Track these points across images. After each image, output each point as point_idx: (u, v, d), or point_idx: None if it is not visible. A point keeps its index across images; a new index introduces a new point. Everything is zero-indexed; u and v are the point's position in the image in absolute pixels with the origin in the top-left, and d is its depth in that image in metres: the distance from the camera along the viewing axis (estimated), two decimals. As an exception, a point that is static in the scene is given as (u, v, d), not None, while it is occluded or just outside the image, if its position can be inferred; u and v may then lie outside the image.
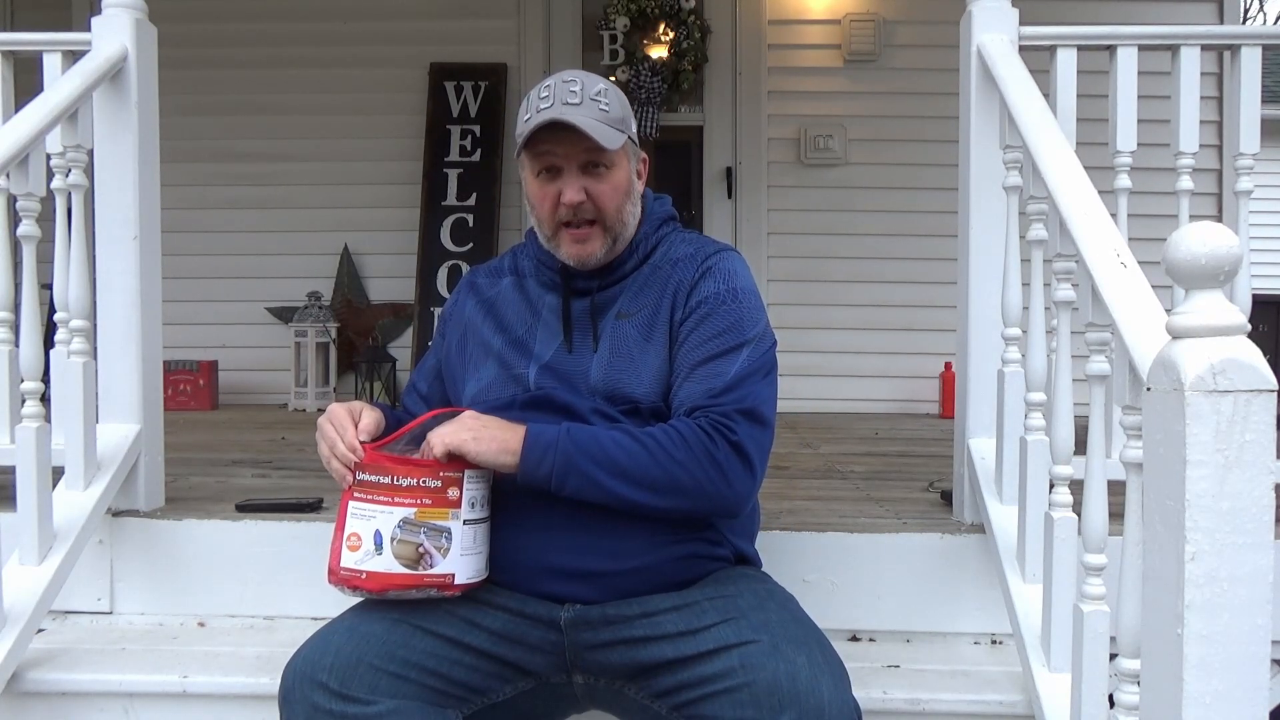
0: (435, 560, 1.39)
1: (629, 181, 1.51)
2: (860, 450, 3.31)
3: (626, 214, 1.50)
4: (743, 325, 1.46)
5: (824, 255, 4.70)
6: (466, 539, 1.40)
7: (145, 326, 2.10)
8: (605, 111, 1.45)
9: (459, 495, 1.40)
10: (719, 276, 1.49)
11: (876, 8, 4.70)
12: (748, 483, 1.41)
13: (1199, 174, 2.19)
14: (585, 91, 1.45)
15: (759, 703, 1.24)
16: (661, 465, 1.36)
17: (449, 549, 1.39)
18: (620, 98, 1.51)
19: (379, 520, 1.39)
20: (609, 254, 1.51)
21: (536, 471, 1.37)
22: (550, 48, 4.80)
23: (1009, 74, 1.87)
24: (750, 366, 1.43)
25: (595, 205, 1.46)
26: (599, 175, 1.46)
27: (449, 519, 1.39)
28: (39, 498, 1.79)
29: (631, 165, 1.52)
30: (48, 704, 1.75)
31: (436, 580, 1.39)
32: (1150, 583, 1.07)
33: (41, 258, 1.96)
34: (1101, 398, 1.48)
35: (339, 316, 4.69)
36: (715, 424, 1.38)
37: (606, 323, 1.51)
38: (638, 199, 1.54)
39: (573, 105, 1.43)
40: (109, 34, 2.07)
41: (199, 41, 4.63)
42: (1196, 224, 1.05)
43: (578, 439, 1.37)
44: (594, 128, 1.42)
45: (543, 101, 1.44)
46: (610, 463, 1.36)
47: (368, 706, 1.31)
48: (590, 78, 1.48)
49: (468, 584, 1.41)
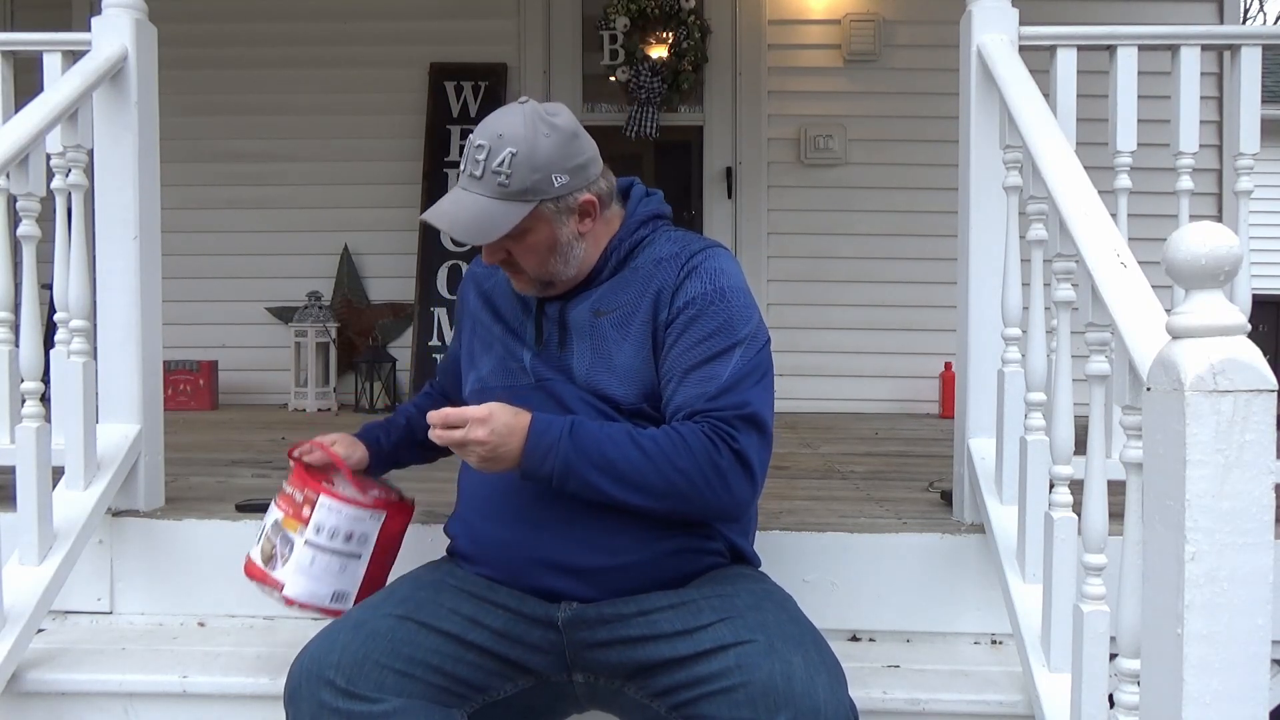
0: (277, 565, 1.55)
1: (550, 239, 1.45)
2: (860, 450, 3.31)
3: (554, 265, 1.48)
4: (733, 325, 1.43)
5: (824, 255, 4.69)
6: (304, 558, 1.53)
7: (145, 326, 2.10)
8: (504, 186, 1.40)
9: (309, 515, 1.53)
10: (704, 276, 1.45)
11: (876, 8, 4.70)
12: (748, 491, 1.42)
13: (1199, 174, 2.19)
14: (489, 162, 1.40)
15: (755, 703, 1.24)
16: (662, 471, 1.36)
17: (288, 559, 1.54)
18: (535, 156, 1.40)
19: (269, 517, 1.61)
20: (547, 290, 1.51)
21: (538, 472, 1.37)
22: (550, 48, 4.80)
23: (1009, 74, 1.87)
24: (745, 368, 1.42)
25: (516, 262, 1.47)
26: (515, 237, 1.44)
27: (296, 532, 1.54)
28: (39, 498, 1.80)
29: (557, 221, 1.45)
30: (48, 704, 1.75)
31: (273, 582, 1.55)
32: (1150, 583, 1.07)
33: (41, 258, 1.96)
34: (1101, 398, 1.48)
35: (339, 316, 4.68)
36: (718, 430, 1.38)
37: (583, 321, 1.50)
38: (574, 245, 1.48)
39: (474, 178, 1.42)
40: (109, 34, 2.07)
41: (199, 41, 4.62)
42: (1196, 224, 1.05)
43: (580, 442, 1.37)
44: (471, 221, 1.41)
45: (462, 162, 1.46)
46: (610, 467, 1.36)
47: (375, 704, 1.31)
48: (504, 137, 1.41)
49: (301, 603, 1.54)
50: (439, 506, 2.09)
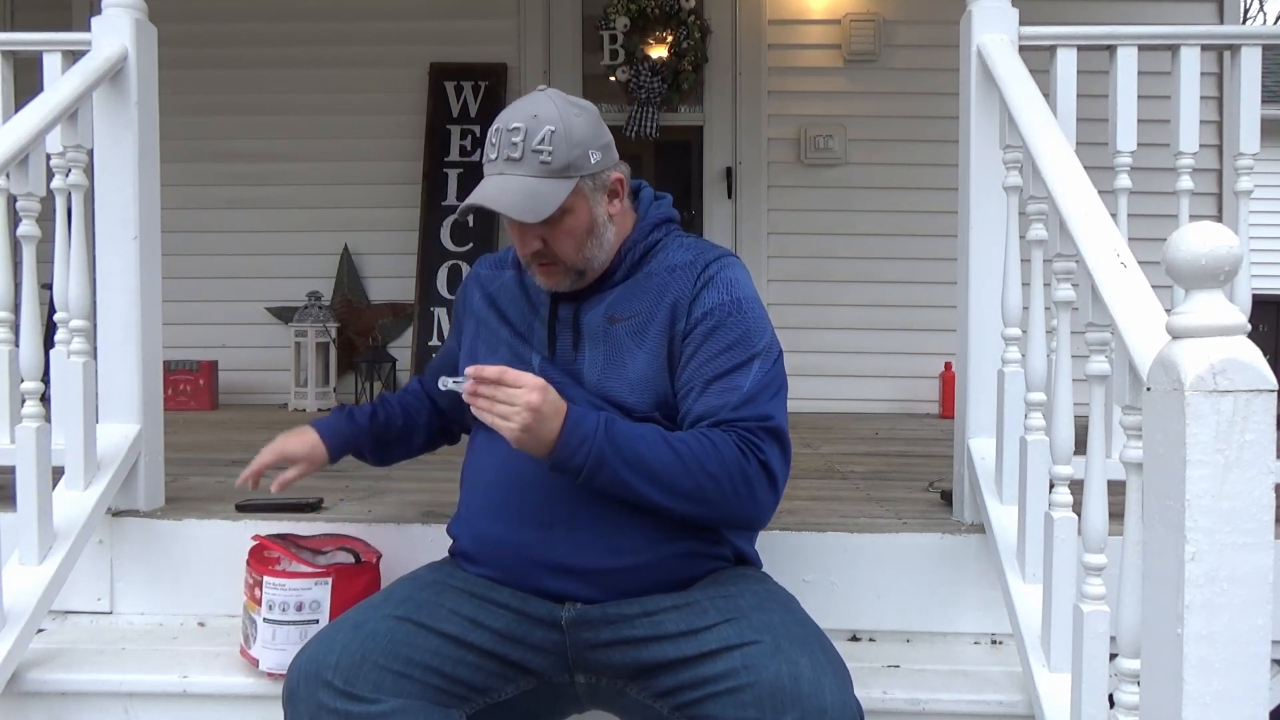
0: (252, 644, 1.71)
1: (588, 220, 1.47)
2: (860, 450, 3.31)
3: (589, 250, 1.48)
4: (751, 337, 1.46)
5: (824, 255, 4.69)
6: (266, 634, 1.68)
7: (145, 326, 2.10)
8: (547, 164, 1.41)
9: (260, 595, 1.68)
10: (721, 286, 1.47)
11: (876, 8, 4.70)
12: (770, 503, 1.43)
13: (1199, 174, 2.19)
14: (528, 142, 1.41)
15: (762, 703, 1.24)
16: (693, 474, 1.36)
17: (255, 638, 1.70)
18: (572, 134, 1.43)
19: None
20: (579, 282, 1.51)
21: (569, 462, 1.35)
22: (550, 48, 4.80)
23: (1009, 74, 1.87)
24: (764, 379, 1.44)
25: (553, 251, 1.47)
26: (552, 223, 1.44)
27: (256, 612, 1.70)
28: (39, 498, 1.79)
29: (593, 199, 1.47)
30: (48, 704, 1.75)
31: (251, 659, 1.71)
32: (1150, 583, 1.07)
33: (41, 258, 1.96)
34: (1101, 398, 1.48)
35: (339, 316, 4.68)
36: (746, 440, 1.39)
37: (595, 327, 1.50)
38: (606, 228, 1.50)
39: (513, 161, 1.42)
40: (109, 34, 2.07)
41: (199, 41, 4.63)
42: (1196, 224, 1.05)
43: (615, 438, 1.36)
44: (522, 199, 1.40)
45: (490, 150, 1.44)
46: (643, 466, 1.36)
47: (373, 705, 1.31)
48: (540, 117, 1.42)
49: (277, 674, 1.64)
50: (440, 506, 2.09)
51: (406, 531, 1.96)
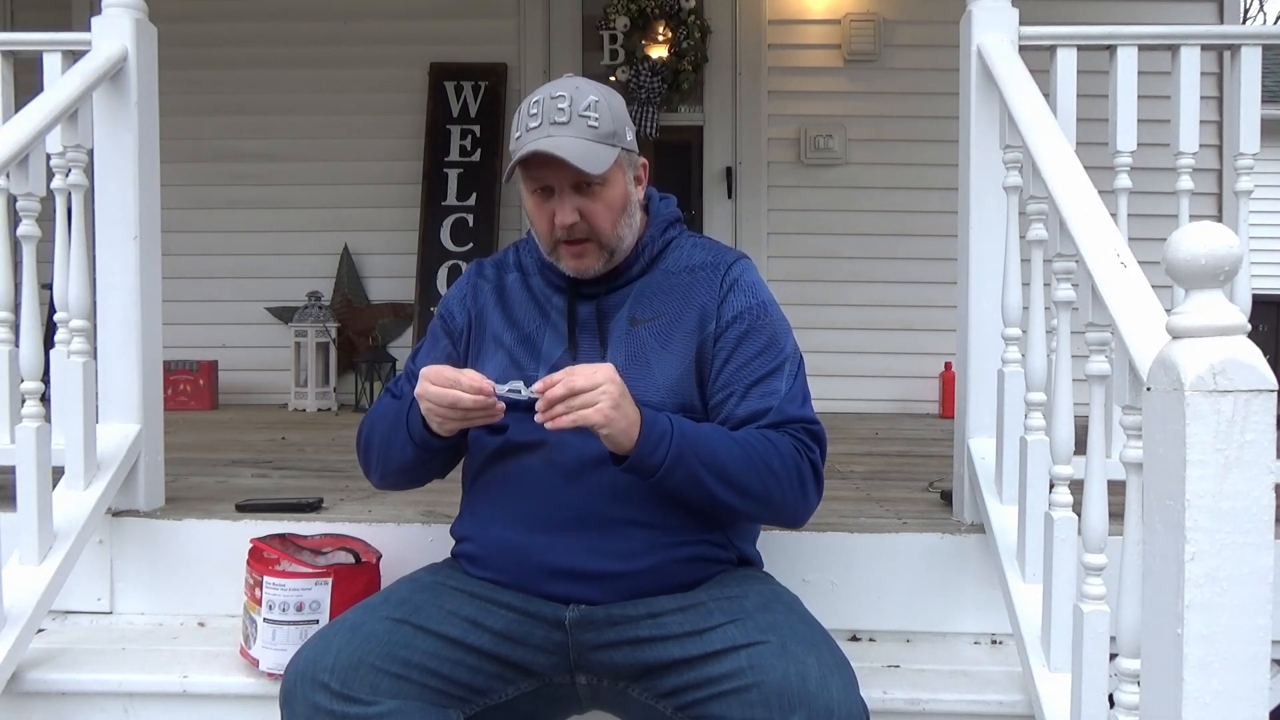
0: (252, 644, 1.71)
1: (625, 195, 1.48)
2: (860, 450, 3.31)
3: (623, 228, 1.49)
4: (779, 341, 1.50)
5: (824, 255, 4.69)
6: (266, 634, 1.69)
7: (145, 326, 2.10)
8: (594, 128, 1.42)
9: (260, 595, 1.69)
10: (746, 290, 1.51)
11: (876, 8, 4.70)
12: (816, 502, 1.47)
13: (1199, 174, 2.19)
14: (574, 107, 1.41)
15: (769, 703, 1.24)
16: (759, 472, 1.38)
17: (255, 638, 1.70)
18: (612, 107, 1.46)
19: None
20: (609, 265, 1.51)
21: (649, 459, 1.33)
22: (550, 48, 4.80)
23: (1009, 74, 1.87)
24: (795, 383, 1.49)
25: (589, 225, 1.45)
26: (592, 194, 1.44)
27: (256, 612, 1.70)
28: (39, 498, 1.79)
29: (628, 176, 1.50)
30: (48, 704, 1.75)
31: (251, 660, 1.71)
32: (1150, 583, 1.07)
33: (41, 258, 1.96)
34: (1101, 398, 1.48)
35: (339, 316, 4.68)
36: (798, 440, 1.43)
37: (617, 327, 1.50)
38: (636, 209, 1.52)
39: (560, 125, 1.41)
40: (109, 34, 2.07)
41: (199, 41, 4.62)
42: (1196, 224, 1.05)
43: (687, 435, 1.36)
44: (580, 152, 1.39)
45: (531, 120, 1.43)
46: (715, 463, 1.36)
47: (369, 707, 1.31)
48: (581, 89, 1.44)
49: (277, 674, 1.62)
50: (440, 506, 2.09)
51: (406, 532, 1.96)
